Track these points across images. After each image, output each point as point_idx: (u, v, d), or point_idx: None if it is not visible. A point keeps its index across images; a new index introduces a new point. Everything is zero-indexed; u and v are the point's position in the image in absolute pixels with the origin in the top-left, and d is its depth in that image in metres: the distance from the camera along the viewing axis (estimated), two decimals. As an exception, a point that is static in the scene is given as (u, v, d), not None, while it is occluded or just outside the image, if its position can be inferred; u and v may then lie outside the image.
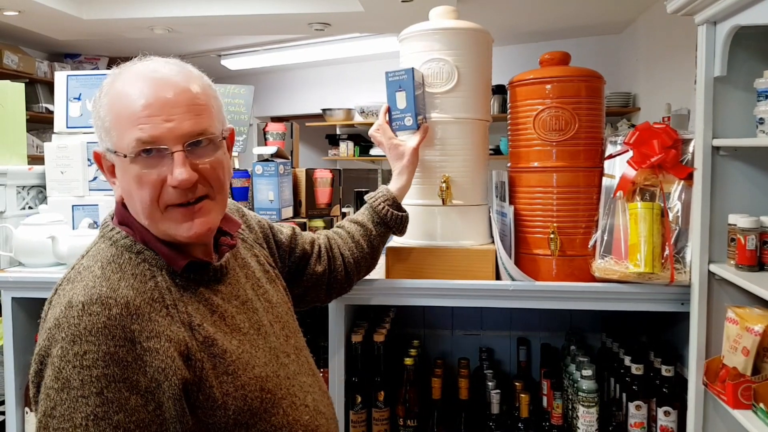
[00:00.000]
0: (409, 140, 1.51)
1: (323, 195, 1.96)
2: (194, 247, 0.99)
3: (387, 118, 1.54)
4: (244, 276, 1.08)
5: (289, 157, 1.98)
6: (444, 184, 1.53)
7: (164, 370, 0.83)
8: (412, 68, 1.48)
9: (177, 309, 0.91)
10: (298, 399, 1.02)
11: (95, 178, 1.89)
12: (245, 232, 1.19)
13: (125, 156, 0.90)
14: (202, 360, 0.89)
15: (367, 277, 1.51)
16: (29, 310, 1.69)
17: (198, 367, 0.88)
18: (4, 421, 1.74)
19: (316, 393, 1.09)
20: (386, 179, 6.18)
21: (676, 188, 1.44)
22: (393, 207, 1.45)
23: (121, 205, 0.98)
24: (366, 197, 1.49)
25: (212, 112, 0.96)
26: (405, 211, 1.48)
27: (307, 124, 6.02)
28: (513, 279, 1.50)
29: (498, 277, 1.54)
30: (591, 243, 1.50)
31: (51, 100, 5.31)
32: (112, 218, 1.00)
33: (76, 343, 0.81)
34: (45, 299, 0.98)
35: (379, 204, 1.45)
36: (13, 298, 1.65)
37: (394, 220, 1.45)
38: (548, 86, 1.52)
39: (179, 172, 0.89)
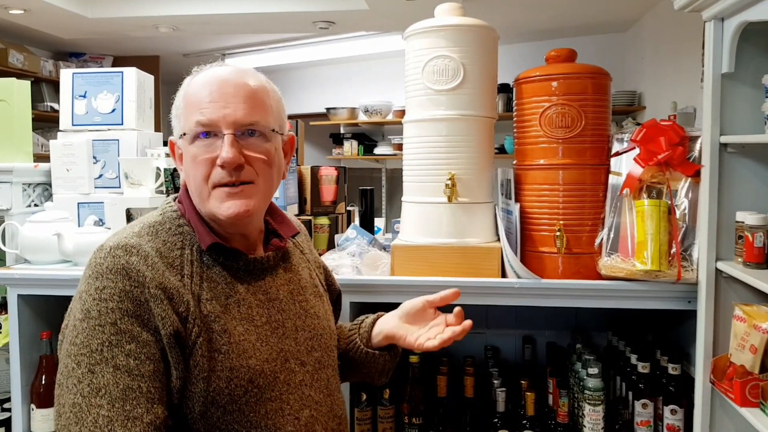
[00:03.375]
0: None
1: (328, 192, 1.96)
2: (234, 238, 1.05)
3: None
4: (287, 280, 1.10)
5: (294, 155, 1.97)
6: (450, 182, 1.52)
7: (162, 318, 0.91)
8: None
9: (192, 280, 0.98)
10: (290, 408, 1.00)
11: (101, 176, 1.90)
12: (308, 252, 1.23)
13: (186, 135, 1.01)
14: (199, 327, 0.94)
15: (372, 275, 1.50)
16: (35, 307, 1.70)
17: (194, 332, 0.94)
18: (9, 418, 1.74)
19: (319, 412, 1.05)
20: (389, 178, 6.10)
21: (683, 185, 1.44)
22: (365, 343, 1.25)
23: (185, 188, 1.07)
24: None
25: (268, 108, 1.03)
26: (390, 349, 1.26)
27: (311, 123, 6.02)
28: (519, 277, 1.50)
29: (504, 275, 1.53)
30: (597, 241, 1.50)
31: (56, 99, 5.32)
32: (176, 198, 1.10)
33: (98, 279, 0.91)
34: (50, 296, 0.98)
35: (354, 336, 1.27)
36: (18, 295, 1.65)
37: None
38: (555, 83, 1.51)
39: (226, 151, 0.98)
